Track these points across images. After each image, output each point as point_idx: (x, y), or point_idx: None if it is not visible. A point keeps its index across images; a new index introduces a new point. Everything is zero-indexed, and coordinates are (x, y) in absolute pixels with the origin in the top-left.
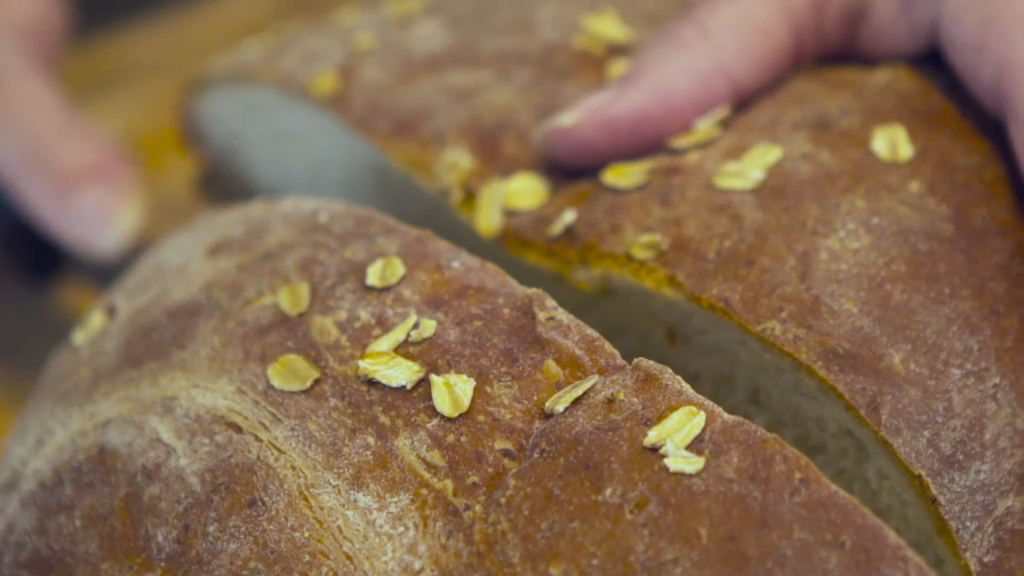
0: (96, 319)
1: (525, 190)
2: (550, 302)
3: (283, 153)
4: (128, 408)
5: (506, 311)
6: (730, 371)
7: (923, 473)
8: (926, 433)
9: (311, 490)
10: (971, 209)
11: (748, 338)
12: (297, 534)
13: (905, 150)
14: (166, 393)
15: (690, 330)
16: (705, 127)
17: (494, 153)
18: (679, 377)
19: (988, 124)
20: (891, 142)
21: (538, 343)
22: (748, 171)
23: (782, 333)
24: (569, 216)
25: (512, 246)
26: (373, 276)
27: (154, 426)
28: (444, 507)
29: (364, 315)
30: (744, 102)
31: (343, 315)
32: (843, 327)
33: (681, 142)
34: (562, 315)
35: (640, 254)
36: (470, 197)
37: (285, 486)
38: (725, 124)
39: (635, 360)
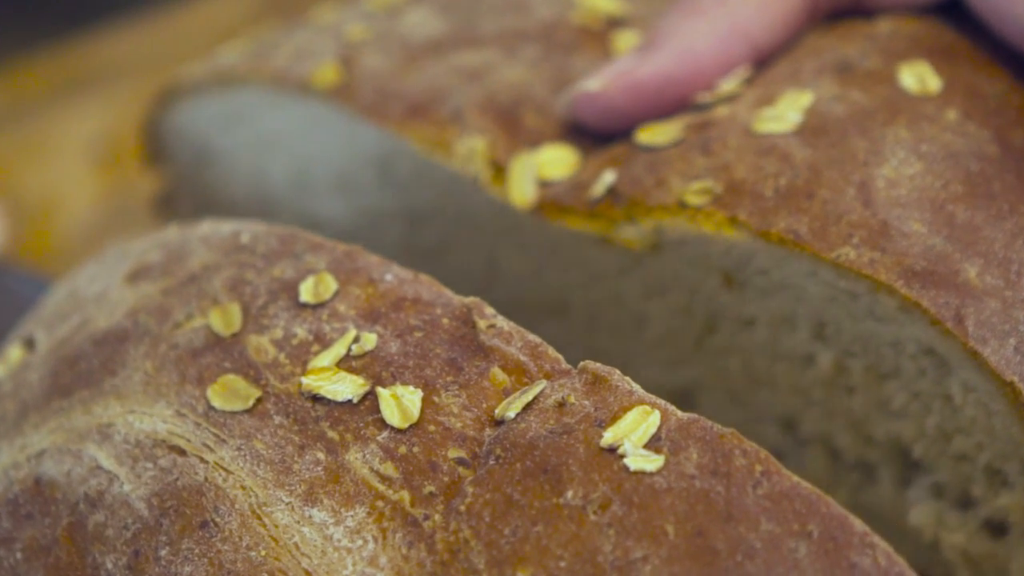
0: (14, 352)
1: (556, 159)
2: (489, 310)
3: (264, 160)
4: (62, 438)
5: (445, 321)
6: (792, 310)
7: (1015, 379)
8: (1011, 341)
9: (264, 508)
10: (1010, 131)
11: (820, 267)
12: (253, 553)
13: (933, 82)
14: (101, 421)
15: (750, 272)
16: (729, 86)
17: (516, 127)
18: (628, 377)
19: (1004, 56)
20: (918, 76)
21: (482, 351)
22: (785, 114)
23: (857, 257)
24: (609, 177)
25: (550, 214)
26: (306, 293)
27: (92, 454)
28: (403, 518)
29: (301, 332)
30: (762, 62)
31: (279, 333)
32: (916, 247)
33: (708, 99)
34: (502, 322)
35: (694, 200)
36: (499, 172)
37: (236, 506)
38: (747, 82)
39: (581, 363)
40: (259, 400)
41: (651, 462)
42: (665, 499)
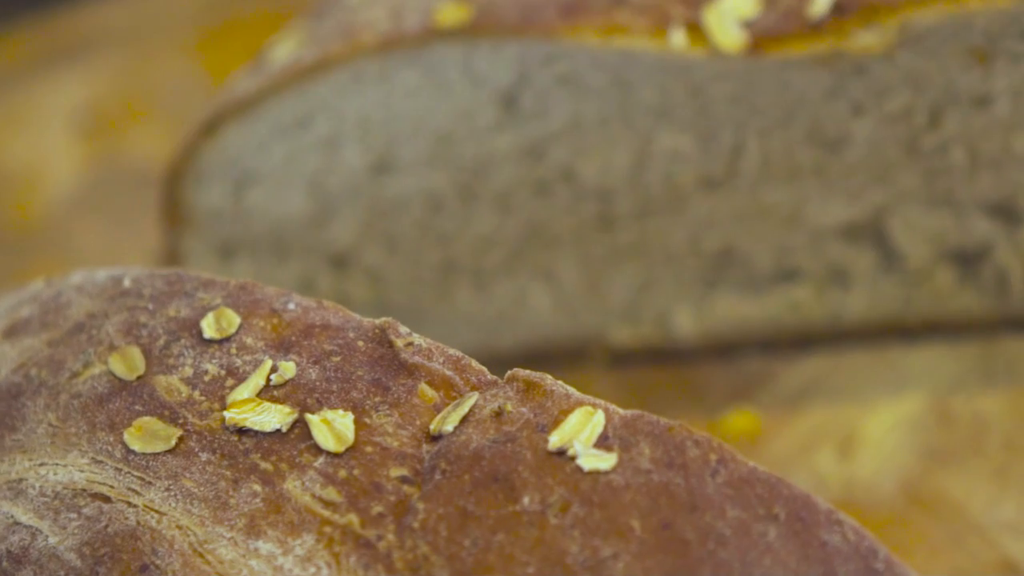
0: None
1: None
2: (403, 328)
3: (329, 160)
4: None
5: (360, 343)
6: None
7: None
8: None
9: (205, 546)
10: None
11: None
12: None
13: None
14: (10, 477)
15: (1008, 40)
16: None
17: None
18: (560, 381)
19: None
20: None
21: (405, 369)
22: None
23: None
24: None
25: (768, 47)
26: (209, 329)
27: (7, 511)
28: (354, 541)
29: (212, 368)
30: None
31: (188, 371)
32: None
33: None
34: (419, 339)
35: None
36: (694, 31)
37: (176, 546)
38: None
39: (509, 372)
40: (180, 439)
41: (604, 460)
42: (625, 495)
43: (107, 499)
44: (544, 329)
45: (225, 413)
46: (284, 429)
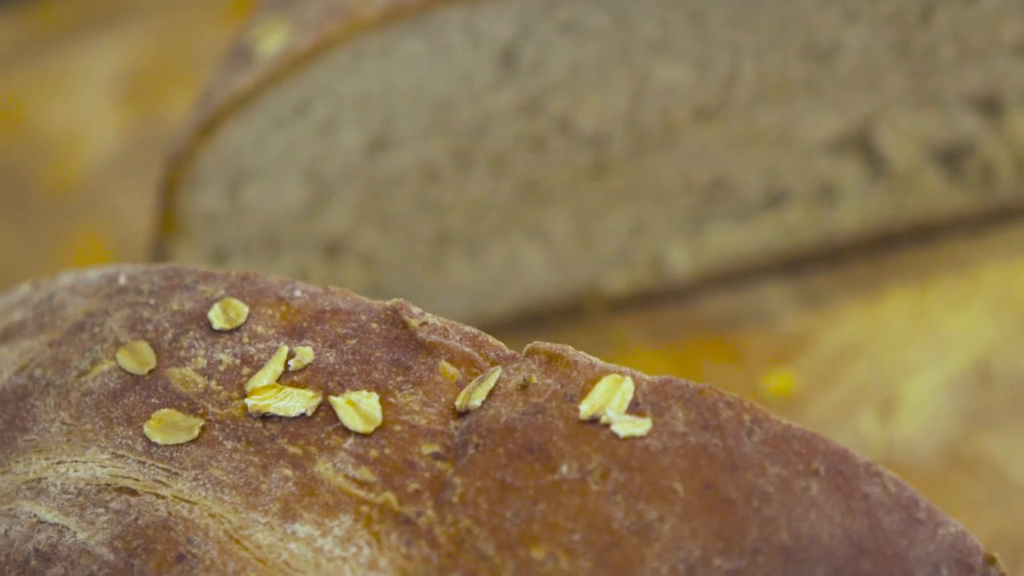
0: None
1: None
2: (415, 308)
3: (325, 144)
4: None
5: (374, 326)
6: None
7: None
8: None
9: (241, 532)
10: None
11: None
12: None
13: None
14: (28, 477)
15: None
16: None
17: None
18: (582, 352)
19: None
20: None
21: (424, 348)
22: None
23: None
24: None
25: None
26: (218, 320)
27: (29, 510)
28: (393, 518)
29: (225, 358)
30: None
31: (201, 363)
32: None
33: None
34: (432, 318)
35: None
36: None
37: (211, 534)
38: None
39: (529, 345)
40: (203, 429)
41: (638, 426)
42: (664, 459)
43: (134, 492)
44: (537, 289)
45: (247, 400)
46: (309, 413)
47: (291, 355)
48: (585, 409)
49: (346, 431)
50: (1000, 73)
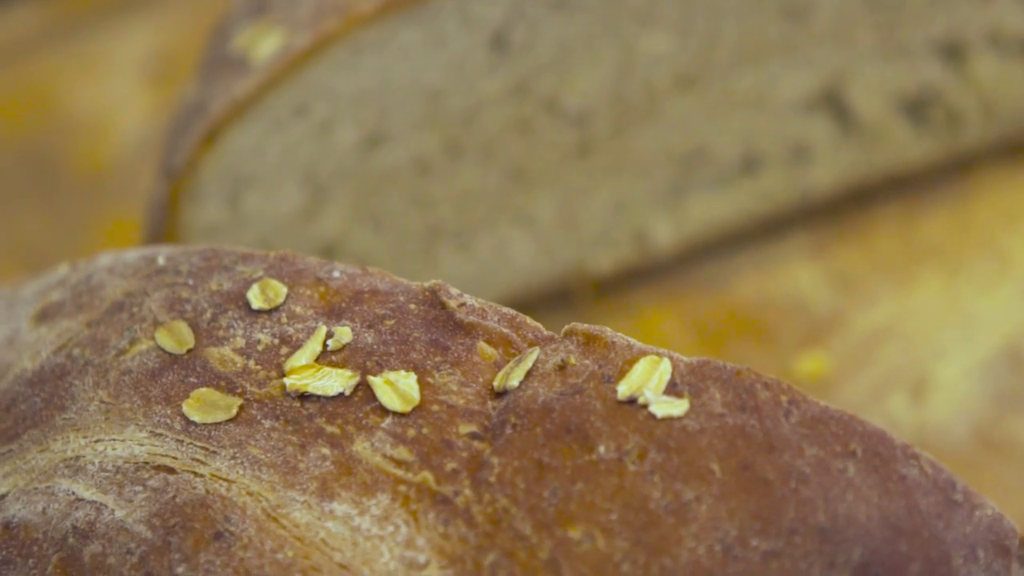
0: None
1: None
2: (453, 289)
3: (320, 147)
4: (23, 480)
5: (412, 307)
6: None
7: None
8: None
9: (279, 511)
10: None
11: None
12: (280, 555)
13: None
14: (66, 455)
15: None
16: None
17: None
18: (620, 332)
19: None
20: None
21: (462, 329)
22: None
23: None
24: None
25: None
26: (256, 300)
27: (68, 488)
28: (431, 498)
29: (264, 338)
30: None
31: (240, 342)
32: None
33: None
34: (470, 299)
35: None
36: None
37: (248, 512)
38: None
39: (567, 326)
40: (241, 408)
41: (676, 407)
42: (701, 439)
43: (172, 470)
44: (525, 276)
45: (285, 380)
46: (347, 392)
47: (329, 335)
48: (623, 390)
49: (384, 411)
50: (963, 18)
